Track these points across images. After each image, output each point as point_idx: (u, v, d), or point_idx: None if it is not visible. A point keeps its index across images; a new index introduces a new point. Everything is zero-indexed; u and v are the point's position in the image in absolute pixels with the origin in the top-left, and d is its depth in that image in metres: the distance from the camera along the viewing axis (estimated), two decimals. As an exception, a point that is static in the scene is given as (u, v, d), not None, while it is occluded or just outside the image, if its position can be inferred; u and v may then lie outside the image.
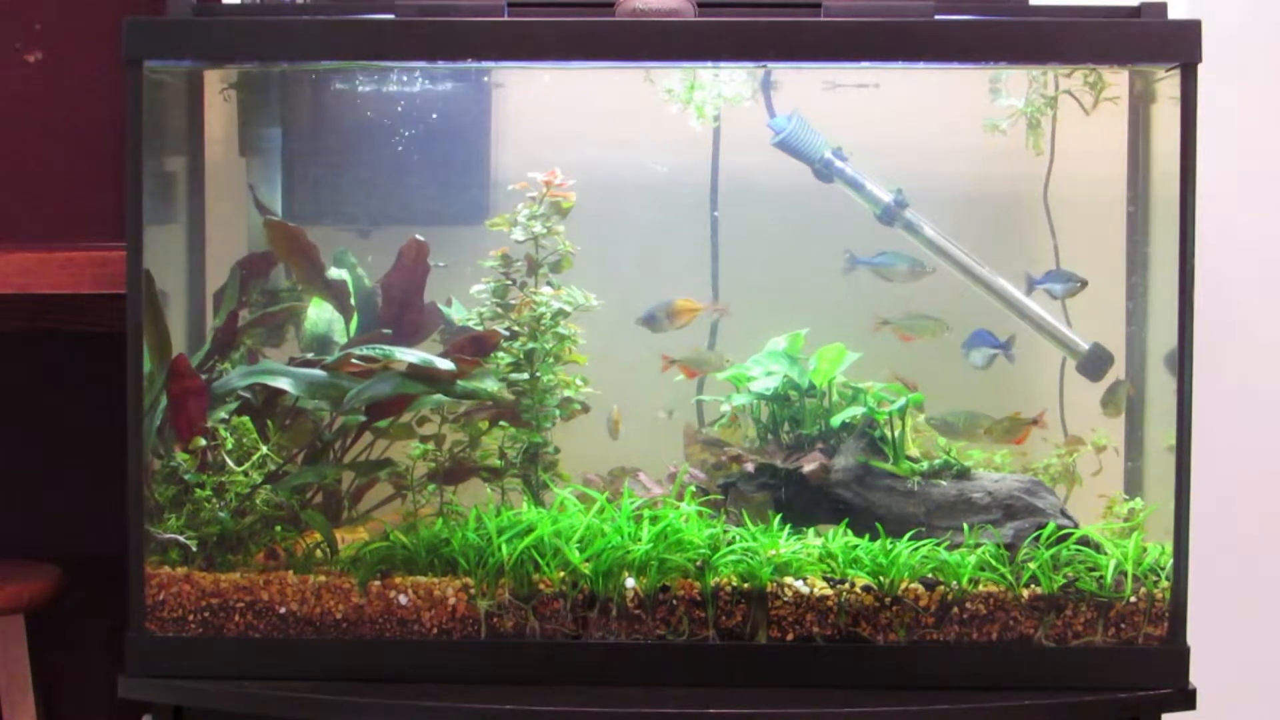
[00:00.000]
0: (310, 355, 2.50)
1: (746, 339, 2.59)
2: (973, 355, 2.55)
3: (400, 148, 2.66)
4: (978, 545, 2.35)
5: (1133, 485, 2.54)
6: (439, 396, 2.44)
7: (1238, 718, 2.87)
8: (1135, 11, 2.32)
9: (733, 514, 2.45)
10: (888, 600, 2.30)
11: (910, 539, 2.36)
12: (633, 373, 2.62)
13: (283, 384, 2.40)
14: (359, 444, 2.54)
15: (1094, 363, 2.57)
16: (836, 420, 2.50)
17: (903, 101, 2.57)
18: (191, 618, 2.34)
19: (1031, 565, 2.31)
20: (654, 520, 2.35)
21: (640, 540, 2.32)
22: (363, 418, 2.46)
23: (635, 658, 2.30)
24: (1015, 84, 2.56)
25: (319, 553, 2.39)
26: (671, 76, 2.54)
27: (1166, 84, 2.38)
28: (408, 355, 2.40)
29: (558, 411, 2.53)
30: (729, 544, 2.33)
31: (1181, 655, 2.30)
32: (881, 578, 2.31)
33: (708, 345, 2.63)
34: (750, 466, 2.49)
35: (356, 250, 2.61)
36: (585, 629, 2.31)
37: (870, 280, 2.56)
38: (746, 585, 2.31)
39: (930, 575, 2.32)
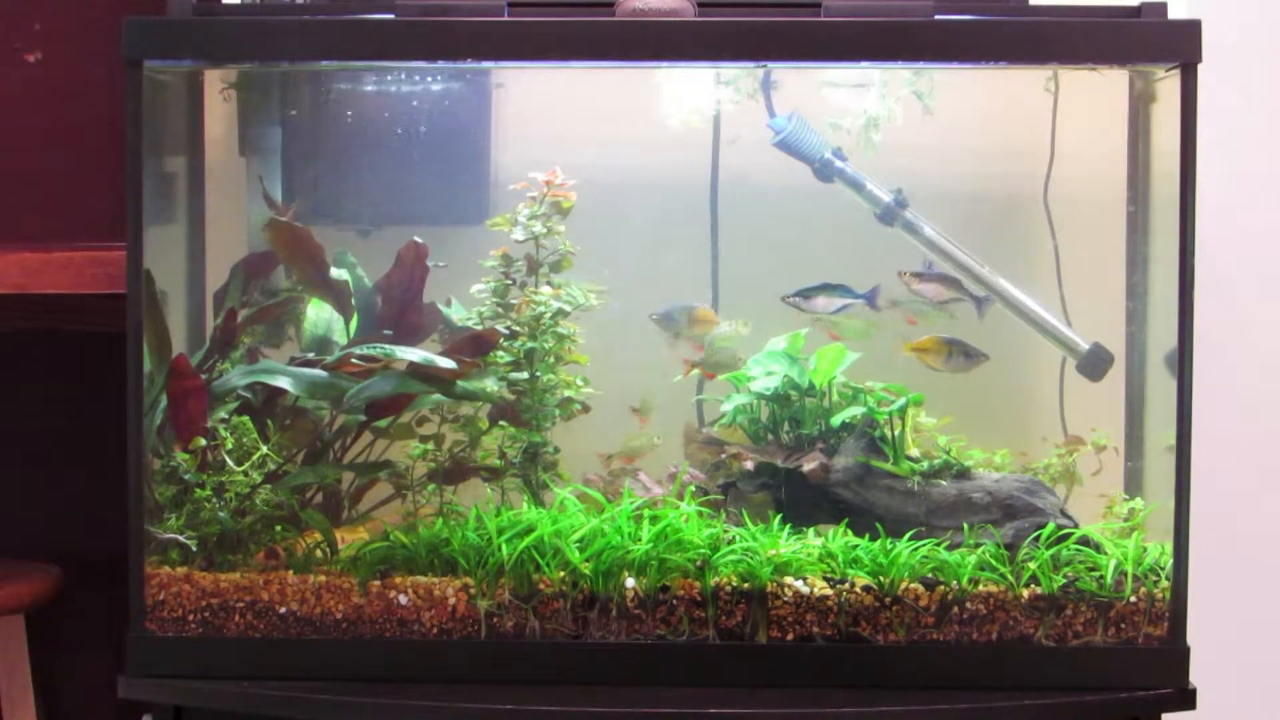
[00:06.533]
0: (310, 355, 2.50)
1: (747, 339, 2.59)
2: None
3: (400, 148, 2.66)
4: (978, 545, 2.35)
5: (1133, 485, 2.54)
6: (439, 396, 2.45)
7: (1238, 718, 2.87)
8: (1135, 11, 2.32)
9: (733, 514, 2.45)
10: (888, 600, 2.30)
11: (910, 539, 2.36)
12: (633, 372, 2.62)
13: (283, 383, 2.40)
14: (359, 444, 2.54)
15: (1094, 363, 2.57)
16: (836, 420, 2.50)
17: (902, 101, 2.58)
18: (191, 618, 2.34)
19: (1031, 565, 2.31)
20: (654, 520, 2.36)
21: (640, 540, 2.32)
22: (363, 418, 2.46)
23: (635, 658, 2.30)
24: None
25: (319, 553, 2.39)
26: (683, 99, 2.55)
27: (1166, 84, 2.38)
28: (409, 354, 2.40)
29: (558, 411, 2.53)
30: (729, 544, 2.33)
31: (1181, 655, 2.30)
32: (881, 578, 2.31)
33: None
34: (750, 464, 2.50)
35: (356, 250, 2.61)
36: (585, 629, 2.31)
37: (871, 279, 2.56)
38: (746, 585, 2.31)
39: (930, 575, 2.32)
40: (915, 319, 2.54)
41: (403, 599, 2.32)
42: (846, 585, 2.31)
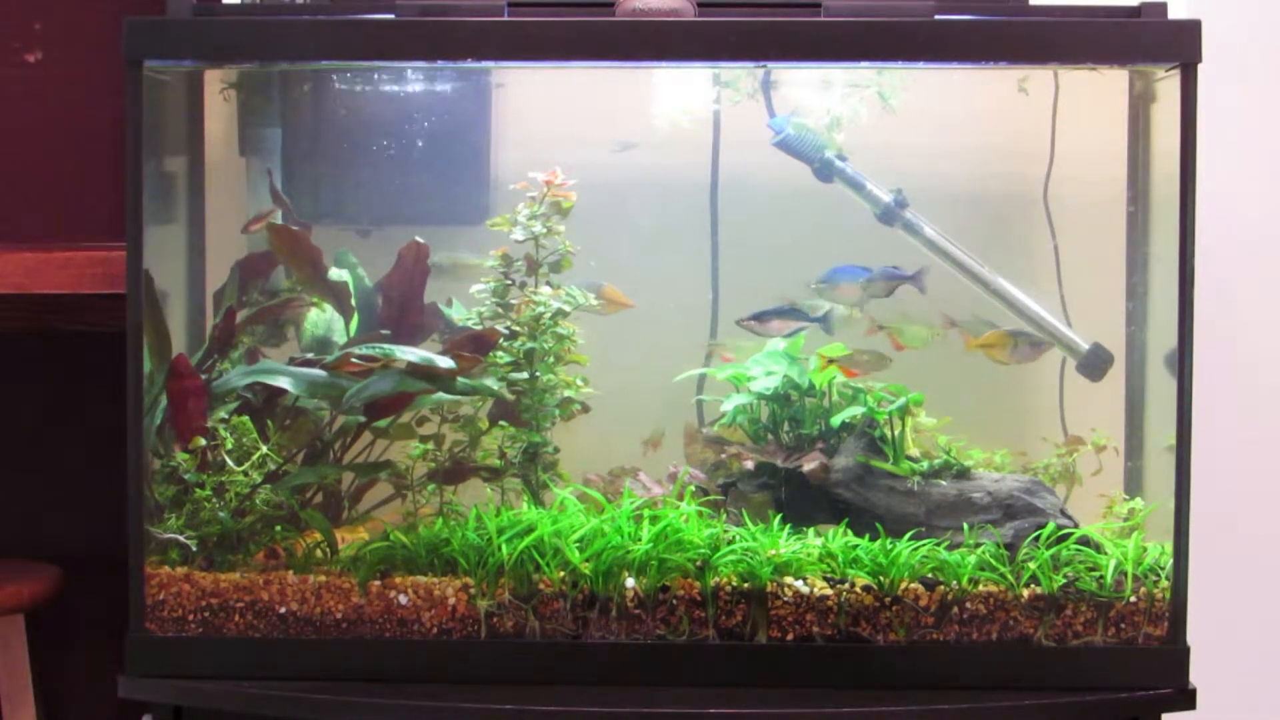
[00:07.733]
0: (310, 355, 2.50)
1: (747, 339, 2.59)
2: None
3: (400, 148, 2.66)
4: (978, 545, 2.35)
5: (1133, 485, 2.54)
6: (439, 395, 2.45)
7: (1238, 718, 2.87)
8: (1135, 11, 2.33)
9: (733, 514, 2.45)
10: (888, 600, 2.30)
11: (910, 539, 2.36)
12: (632, 372, 2.63)
13: (282, 383, 2.40)
14: (359, 444, 2.54)
15: (1094, 363, 2.57)
16: (836, 420, 2.50)
17: (902, 100, 2.58)
18: (191, 618, 2.34)
19: (1031, 565, 2.31)
20: (654, 520, 2.36)
21: (640, 540, 2.32)
22: (363, 418, 2.46)
23: (635, 658, 2.30)
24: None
25: (319, 553, 2.39)
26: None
27: (1166, 84, 2.39)
28: (408, 354, 2.40)
29: (557, 411, 2.53)
30: (729, 544, 2.33)
31: (1181, 655, 2.30)
32: (881, 578, 2.31)
33: (709, 337, 2.63)
34: (750, 464, 2.50)
35: (356, 250, 2.61)
36: (585, 629, 2.31)
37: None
38: (746, 585, 2.31)
39: (930, 575, 2.32)
40: (902, 344, 2.53)
41: (403, 599, 2.32)
42: (846, 585, 2.31)
